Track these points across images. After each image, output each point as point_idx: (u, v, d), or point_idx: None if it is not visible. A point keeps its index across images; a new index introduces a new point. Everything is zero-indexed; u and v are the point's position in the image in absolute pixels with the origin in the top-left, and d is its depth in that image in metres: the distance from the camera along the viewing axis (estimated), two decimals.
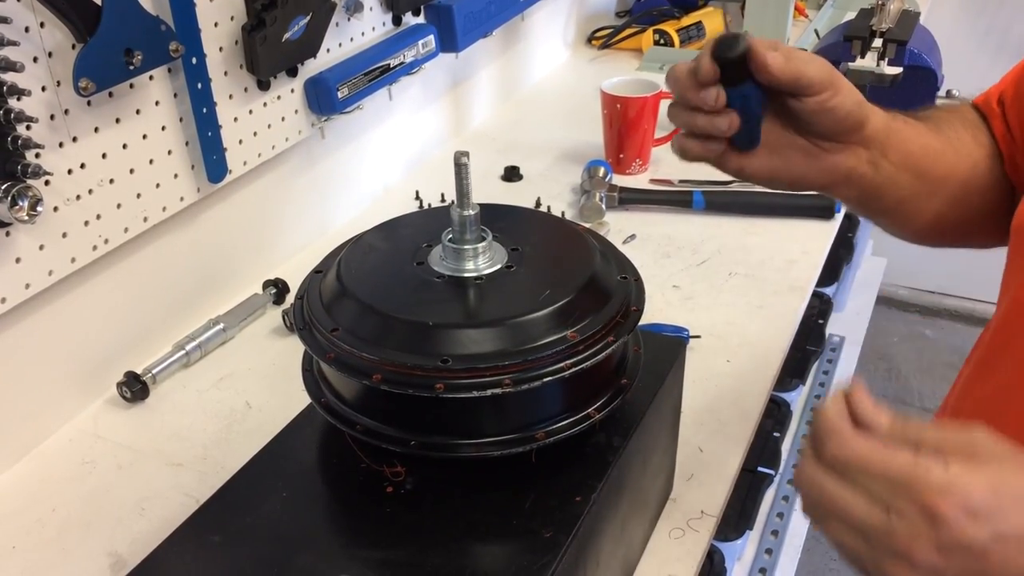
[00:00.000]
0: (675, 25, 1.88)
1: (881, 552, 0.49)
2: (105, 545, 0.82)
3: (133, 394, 0.98)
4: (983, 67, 2.42)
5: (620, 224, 1.29)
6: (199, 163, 1.02)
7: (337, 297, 0.66)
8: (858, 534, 0.50)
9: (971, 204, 0.77)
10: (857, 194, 0.74)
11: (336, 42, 1.19)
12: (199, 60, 0.97)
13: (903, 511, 0.48)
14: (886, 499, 0.49)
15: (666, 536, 0.82)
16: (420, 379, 0.60)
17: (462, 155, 0.65)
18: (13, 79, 0.78)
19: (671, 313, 1.11)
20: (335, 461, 0.68)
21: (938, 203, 0.76)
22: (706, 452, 0.90)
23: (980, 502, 0.47)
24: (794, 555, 1.66)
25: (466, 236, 0.67)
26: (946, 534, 0.47)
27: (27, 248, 0.85)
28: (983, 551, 0.47)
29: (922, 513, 0.47)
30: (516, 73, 1.74)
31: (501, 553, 0.61)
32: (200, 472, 0.89)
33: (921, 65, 1.33)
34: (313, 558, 0.60)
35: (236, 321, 1.08)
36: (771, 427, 1.56)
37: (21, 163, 0.80)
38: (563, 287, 0.65)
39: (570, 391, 0.65)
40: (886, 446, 0.50)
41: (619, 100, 1.38)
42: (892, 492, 0.48)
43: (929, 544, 0.47)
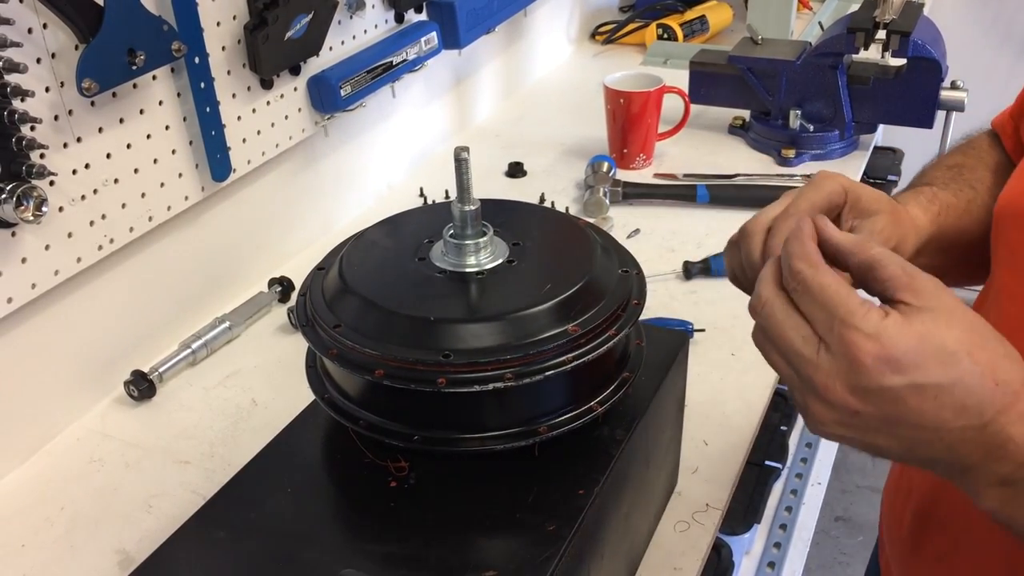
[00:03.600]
0: (678, 19, 1.88)
1: (806, 386, 0.50)
2: (113, 542, 0.82)
3: (140, 392, 0.98)
4: (988, 58, 2.41)
5: (624, 219, 1.29)
6: (203, 162, 1.02)
7: (339, 293, 0.66)
8: (791, 365, 0.51)
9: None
10: None
11: (338, 40, 1.19)
12: (202, 59, 0.98)
13: (831, 348, 0.49)
14: (820, 332, 0.49)
15: (671, 529, 0.82)
16: (422, 374, 0.60)
17: (462, 150, 0.65)
18: (17, 80, 0.78)
19: (675, 307, 1.11)
20: (339, 456, 0.68)
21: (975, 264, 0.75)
22: (711, 445, 0.90)
23: (903, 353, 0.47)
24: (803, 549, 1.66)
25: (467, 231, 0.67)
26: (863, 378, 0.48)
27: (33, 248, 0.86)
28: (897, 398, 0.48)
29: (845, 355, 0.48)
30: (519, 69, 1.74)
31: (505, 547, 0.61)
32: (207, 469, 0.90)
33: (925, 56, 1.32)
34: (318, 553, 0.60)
35: (242, 319, 1.09)
36: (778, 421, 1.56)
37: (26, 164, 0.80)
38: (564, 281, 0.65)
39: (572, 385, 0.65)
40: (841, 284, 0.50)
41: (623, 95, 1.38)
42: (828, 327, 0.49)
43: (844, 385, 0.48)
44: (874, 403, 0.48)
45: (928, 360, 0.47)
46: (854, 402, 0.48)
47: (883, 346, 0.47)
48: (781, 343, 0.51)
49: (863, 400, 0.48)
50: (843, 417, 0.49)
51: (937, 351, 0.47)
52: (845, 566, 2.07)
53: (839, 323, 0.48)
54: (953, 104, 1.37)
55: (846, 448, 2.16)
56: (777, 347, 0.52)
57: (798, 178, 1.38)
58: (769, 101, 1.44)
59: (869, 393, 0.48)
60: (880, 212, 0.66)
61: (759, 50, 1.45)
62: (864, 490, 2.26)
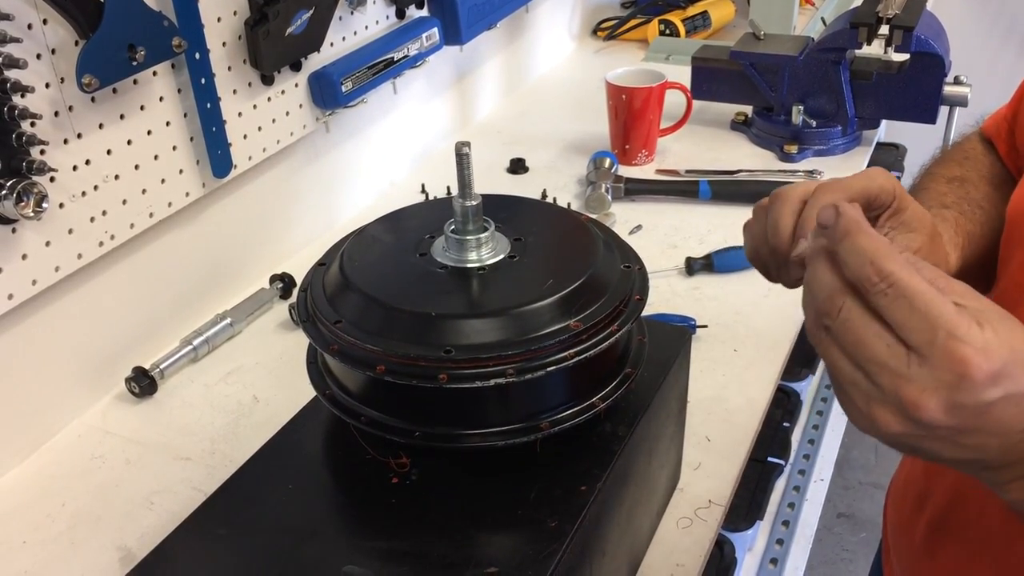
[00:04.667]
0: (680, 15, 1.87)
1: (880, 394, 0.45)
2: (114, 539, 0.82)
3: (141, 389, 0.98)
4: (991, 53, 2.40)
5: (626, 215, 1.29)
6: (204, 158, 1.02)
7: (340, 289, 0.66)
8: (868, 374, 0.46)
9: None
10: None
11: (339, 36, 1.19)
12: (202, 55, 0.98)
13: (930, 359, 0.44)
14: (915, 342, 0.44)
15: (674, 526, 0.82)
16: (423, 370, 0.60)
17: (463, 145, 0.65)
18: (17, 76, 0.78)
19: (678, 303, 1.11)
20: (340, 453, 0.68)
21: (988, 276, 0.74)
22: (714, 441, 0.90)
23: (1003, 365, 0.43)
24: (805, 545, 1.65)
25: (468, 227, 0.67)
26: (969, 394, 0.44)
27: (33, 245, 0.86)
28: (987, 411, 0.44)
29: (954, 370, 0.43)
30: (521, 65, 1.74)
31: (506, 543, 0.61)
32: (208, 466, 0.90)
33: (928, 51, 1.32)
34: (319, 549, 0.60)
35: (243, 316, 1.08)
36: (781, 417, 1.56)
37: (26, 160, 0.80)
38: (566, 277, 0.65)
39: (574, 380, 0.65)
40: (935, 291, 0.45)
41: (624, 91, 1.38)
42: (928, 339, 0.44)
43: (942, 402, 0.44)
44: (963, 417, 0.44)
45: (1018, 369, 0.44)
46: (946, 419, 0.44)
47: (995, 363, 0.43)
48: (860, 350, 0.46)
49: (955, 415, 0.44)
50: (917, 430, 0.45)
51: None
52: (848, 563, 2.07)
53: (945, 335, 0.43)
54: (956, 99, 1.36)
55: (849, 444, 2.16)
56: (853, 353, 0.46)
57: (800, 174, 1.37)
58: (772, 97, 1.43)
59: (965, 408, 0.44)
60: (920, 232, 0.63)
61: (761, 46, 1.44)
62: (867, 486, 2.26)
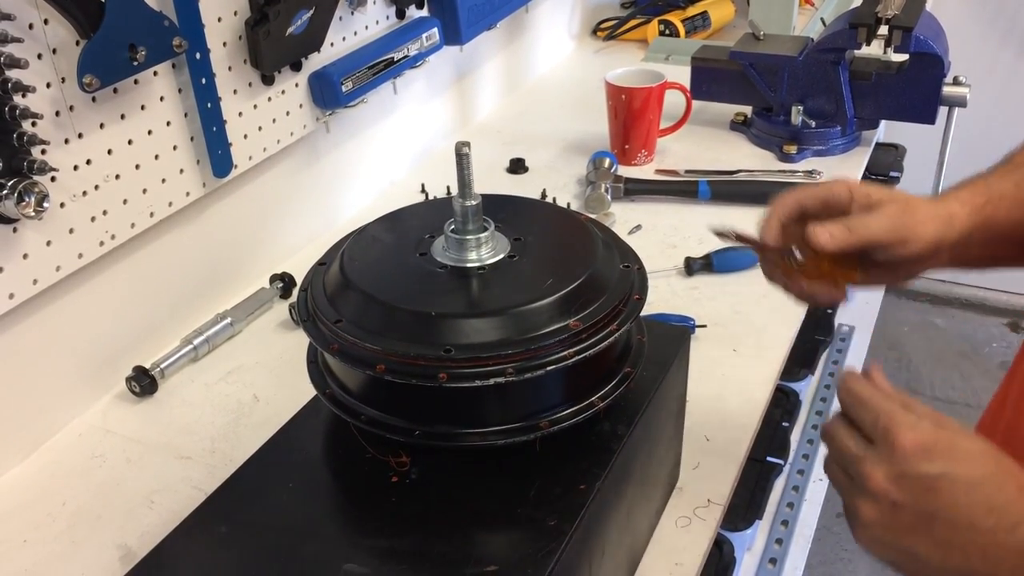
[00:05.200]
0: (680, 15, 1.87)
1: (854, 484, 0.55)
2: (115, 538, 0.83)
3: (142, 388, 0.98)
4: (990, 53, 2.40)
5: (626, 215, 1.29)
6: (204, 158, 1.02)
7: (340, 289, 0.66)
8: (844, 467, 0.57)
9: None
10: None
11: (340, 36, 1.19)
12: (203, 55, 0.98)
13: (875, 441, 0.55)
14: (868, 432, 0.55)
15: (673, 525, 0.82)
16: (423, 369, 0.60)
17: (463, 145, 0.65)
18: (18, 76, 0.78)
19: (677, 303, 1.11)
20: (340, 452, 0.68)
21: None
22: (713, 441, 0.90)
23: (935, 442, 0.53)
24: (804, 545, 1.65)
25: (468, 226, 0.67)
26: (902, 463, 0.53)
27: (34, 244, 0.86)
28: (932, 487, 0.52)
29: (887, 441, 0.54)
30: (521, 65, 1.74)
31: (506, 541, 0.61)
32: (209, 465, 0.90)
33: (928, 52, 1.32)
34: (319, 548, 0.60)
35: (243, 315, 1.09)
36: (780, 417, 1.56)
37: (27, 159, 0.80)
38: (565, 276, 0.65)
39: (573, 380, 0.65)
40: (886, 396, 0.56)
41: (624, 91, 1.38)
42: (873, 424, 0.55)
43: (885, 473, 0.53)
44: (910, 491, 0.53)
45: (959, 454, 0.53)
46: (893, 490, 0.53)
47: (920, 435, 0.53)
48: (841, 453, 0.57)
49: (900, 487, 0.53)
50: (884, 514, 0.53)
51: (967, 450, 0.53)
52: (847, 563, 2.07)
53: (884, 417, 0.54)
54: (955, 100, 1.36)
55: None
56: (836, 456, 0.57)
57: (800, 174, 1.38)
58: (771, 97, 1.43)
59: (906, 479, 0.53)
60: (888, 203, 0.70)
61: (761, 46, 1.44)
62: None
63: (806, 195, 0.73)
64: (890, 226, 0.69)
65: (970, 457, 0.53)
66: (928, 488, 0.52)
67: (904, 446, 0.53)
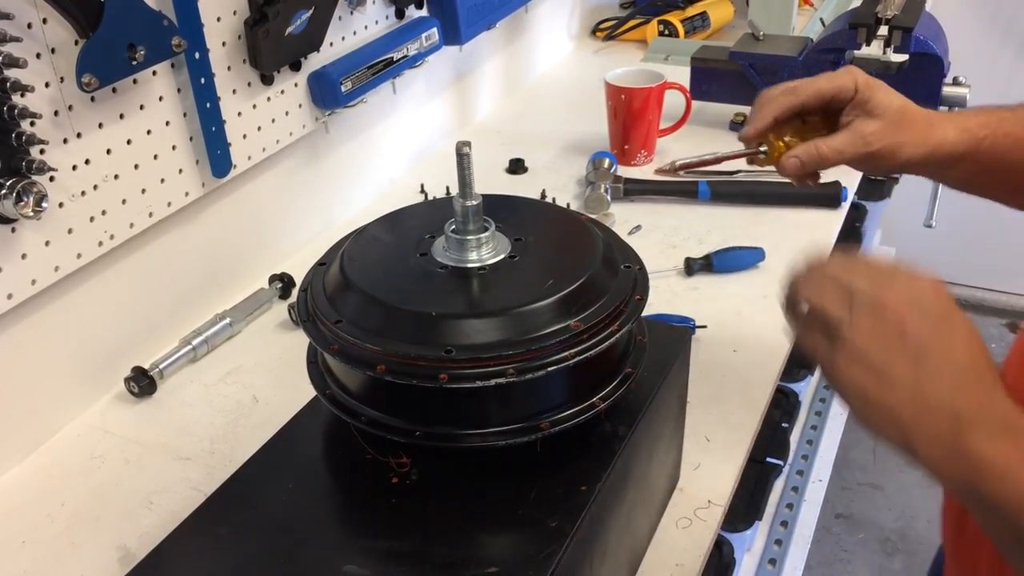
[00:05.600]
0: (679, 15, 1.87)
1: (833, 345, 0.56)
2: (114, 539, 0.82)
3: (141, 389, 0.98)
4: (990, 53, 2.40)
5: (625, 215, 1.29)
6: (203, 158, 1.02)
7: (340, 289, 0.66)
8: (823, 331, 0.57)
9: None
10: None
11: (339, 36, 1.19)
12: (202, 55, 0.98)
13: (863, 304, 0.55)
14: (853, 294, 0.55)
15: (673, 526, 0.82)
16: (424, 369, 0.60)
17: (464, 145, 0.65)
18: (16, 75, 0.78)
19: (677, 303, 1.11)
20: (340, 453, 0.68)
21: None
22: (713, 442, 0.90)
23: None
24: (804, 546, 1.65)
25: (469, 226, 0.67)
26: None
27: (33, 244, 0.85)
28: (942, 317, 0.54)
29: (880, 296, 0.55)
30: (520, 65, 1.74)
31: (506, 543, 0.61)
32: (208, 466, 0.90)
33: (927, 52, 1.32)
34: (318, 549, 0.60)
35: (242, 316, 1.08)
36: (779, 417, 1.56)
37: (26, 159, 0.80)
38: (566, 276, 0.65)
39: (574, 380, 0.65)
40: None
41: (623, 91, 1.38)
42: (860, 290, 0.55)
43: (897, 296, 0.55)
44: (916, 314, 0.54)
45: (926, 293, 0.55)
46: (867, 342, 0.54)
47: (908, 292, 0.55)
48: (819, 311, 0.57)
49: (909, 309, 0.54)
50: (878, 332, 0.54)
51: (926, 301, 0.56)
52: (846, 563, 2.07)
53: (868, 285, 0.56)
54: (955, 100, 1.36)
55: (847, 445, 2.16)
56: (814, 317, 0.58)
57: None
58: None
59: (916, 303, 0.54)
60: (880, 118, 0.75)
61: (760, 46, 1.44)
62: (865, 487, 2.26)
63: (811, 94, 0.76)
64: (871, 144, 0.75)
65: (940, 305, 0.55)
66: (938, 317, 0.54)
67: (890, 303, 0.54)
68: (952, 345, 0.53)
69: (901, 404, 0.53)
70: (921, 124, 0.76)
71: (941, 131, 0.76)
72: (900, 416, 0.53)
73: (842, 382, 0.55)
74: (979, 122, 0.77)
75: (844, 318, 0.55)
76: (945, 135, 0.76)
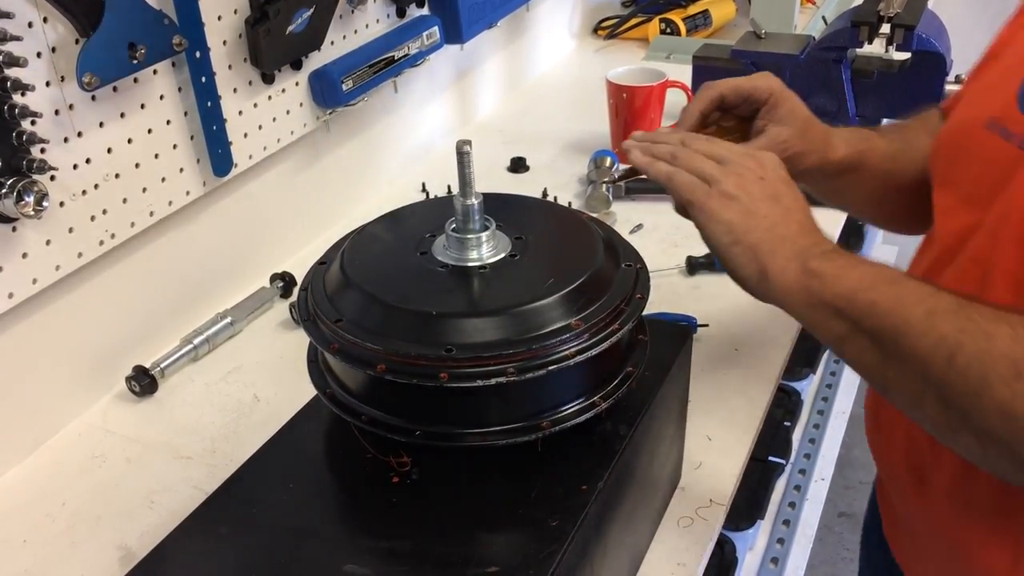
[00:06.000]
0: (681, 14, 1.87)
1: (709, 190, 0.68)
2: (115, 538, 0.82)
3: (142, 388, 0.98)
4: None
5: (627, 214, 1.29)
6: (204, 157, 1.02)
7: (341, 288, 0.66)
8: (697, 181, 0.69)
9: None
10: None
11: (340, 34, 1.18)
12: (203, 54, 0.97)
13: (732, 162, 0.69)
14: (722, 159, 0.69)
15: (675, 525, 0.82)
16: (424, 369, 0.60)
17: (464, 143, 0.65)
18: (17, 74, 0.78)
19: (679, 302, 1.10)
20: (341, 452, 0.68)
21: (901, 201, 0.89)
22: (715, 440, 0.90)
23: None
24: (806, 544, 1.65)
25: (469, 225, 0.67)
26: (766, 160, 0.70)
27: (34, 243, 0.85)
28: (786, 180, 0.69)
29: (743, 159, 0.69)
30: (522, 64, 1.74)
31: (507, 542, 0.61)
32: (209, 465, 0.90)
33: (930, 50, 1.32)
34: (319, 548, 0.60)
35: (244, 315, 1.08)
36: (781, 416, 1.56)
37: (26, 158, 0.80)
38: (567, 275, 0.65)
39: (575, 379, 0.65)
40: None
41: (625, 89, 1.38)
42: (727, 157, 0.69)
43: (740, 173, 0.68)
44: (772, 176, 0.69)
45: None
46: (760, 170, 0.69)
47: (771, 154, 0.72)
48: (698, 171, 0.69)
49: (764, 170, 0.69)
50: (747, 182, 0.67)
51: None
52: (848, 562, 2.07)
53: (737, 153, 0.71)
54: None
55: (850, 444, 2.16)
56: (692, 173, 0.69)
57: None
58: None
59: (773, 167, 0.70)
60: (790, 125, 0.81)
61: (762, 44, 1.44)
62: (868, 486, 2.25)
63: (728, 87, 0.81)
64: (784, 150, 0.80)
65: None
66: (785, 181, 0.69)
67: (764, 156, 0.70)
68: (795, 198, 0.68)
69: (761, 238, 0.65)
70: (821, 135, 0.83)
71: (835, 143, 0.84)
72: (760, 247, 0.65)
73: (716, 219, 0.67)
74: (859, 137, 0.86)
75: (716, 173, 0.68)
76: (838, 147, 0.84)
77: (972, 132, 0.74)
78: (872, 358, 0.62)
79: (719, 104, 0.82)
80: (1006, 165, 0.69)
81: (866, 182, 0.87)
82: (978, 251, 0.70)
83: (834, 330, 0.63)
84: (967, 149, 0.75)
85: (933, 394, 0.58)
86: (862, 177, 0.87)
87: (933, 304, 0.59)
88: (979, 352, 0.56)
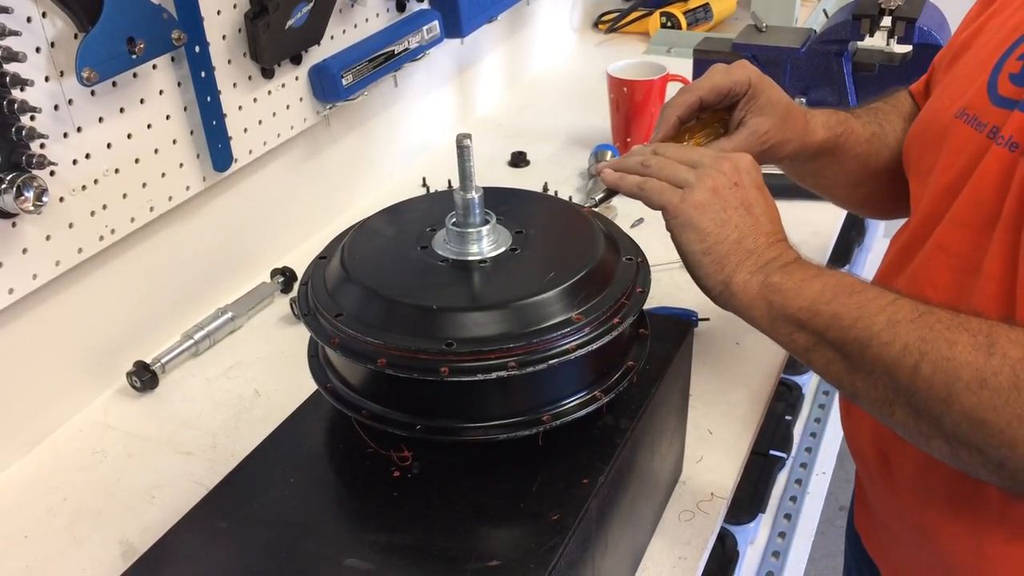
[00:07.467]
0: (682, 7, 1.87)
1: (684, 195, 0.68)
2: (116, 533, 0.82)
3: (143, 383, 0.98)
4: None
5: (628, 208, 1.28)
6: (204, 152, 1.02)
7: (341, 282, 0.66)
8: (671, 186, 0.69)
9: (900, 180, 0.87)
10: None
11: (340, 29, 1.18)
12: (202, 48, 0.97)
13: (706, 167, 0.69)
14: (695, 164, 0.70)
15: (676, 518, 0.82)
16: (425, 363, 0.60)
17: (464, 137, 0.65)
18: (16, 69, 0.78)
19: (680, 296, 1.10)
20: (342, 446, 0.68)
21: (875, 184, 0.90)
22: (716, 434, 0.90)
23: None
24: (807, 538, 1.65)
25: (470, 219, 0.67)
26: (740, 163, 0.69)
27: (34, 239, 0.85)
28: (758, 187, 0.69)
29: (717, 164, 0.69)
30: (522, 58, 1.73)
31: (508, 536, 0.60)
32: (210, 460, 0.90)
33: (931, 43, 1.32)
34: (320, 542, 0.60)
35: (244, 310, 1.08)
36: (783, 410, 1.56)
37: (26, 154, 0.80)
38: (568, 269, 0.65)
39: (576, 373, 0.65)
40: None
41: (626, 84, 1.37)
42: (700, 162, 0.70)
43: (714, 178, 0.68)
44: (747, 180, 0.69)
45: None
46: (736, 176, 0.68)
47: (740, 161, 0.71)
48: (669, 176, 0.70)
49: (739, 177, 0.69)
50: (721, 190, 0.67)
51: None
52: None
53: (709, 159, 0.70)
54: None
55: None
56: (664, 180, 0.70)
57: None
58: None
59: (746, 172, 0.70)
60: (770, 116, 0.81)
61: (763, 38, 1.44)
62: None
63: (706, 90, 0.81)
64: (765, 141, 0.81)
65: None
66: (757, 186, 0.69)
67: (738, 160, 0.70)
68: (766, 206, 0.69)
69: (729, 250, 0.67)
70: (800, 120, 0.83)
71: (813, 127, 0.84)
72: (727, 260, 0.67)
73: (689, 225, 0.67)
74: (836, 120, 0.86)
75: (690, 178, 0.68)
76: (816, 131, 0.84)
77: (944, 122, 0.75)
78: (839, 368, 0.63)
79: (697, 109, 0.82)
80: (975, 153, 0.70)
81: (843, 164, 0.88)
82: (943, 237, 0.71)
83: (798, 342, 0.65)
84: (939, 138, 0.76)
85: (903, 401, 0.59)
86: (839, 159, 0.87)
87: (893, 313, 0.60)
88: (942, 360, 0.57)
